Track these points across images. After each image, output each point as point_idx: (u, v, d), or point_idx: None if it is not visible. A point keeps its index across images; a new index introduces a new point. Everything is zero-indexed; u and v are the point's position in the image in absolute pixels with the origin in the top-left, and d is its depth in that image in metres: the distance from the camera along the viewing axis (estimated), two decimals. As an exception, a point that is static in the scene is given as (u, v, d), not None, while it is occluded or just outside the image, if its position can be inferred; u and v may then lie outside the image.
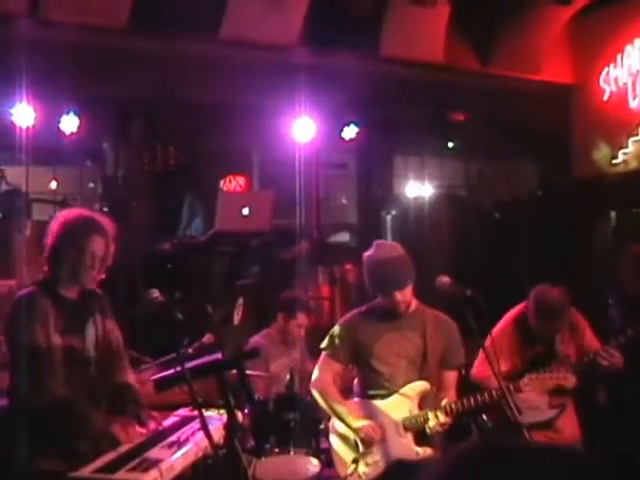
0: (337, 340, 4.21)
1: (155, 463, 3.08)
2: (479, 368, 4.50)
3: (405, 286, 4.03)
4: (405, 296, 4.04)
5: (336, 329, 4.26)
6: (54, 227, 3.54)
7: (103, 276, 3.58)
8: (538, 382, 4.12)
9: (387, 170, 10.13)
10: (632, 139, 9.02)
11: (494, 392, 3.95)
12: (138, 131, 8.55)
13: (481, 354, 4.50)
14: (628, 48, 9.10)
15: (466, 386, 4.37)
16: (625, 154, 9.10)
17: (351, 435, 4.10)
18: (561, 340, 4.64)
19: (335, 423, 4.21)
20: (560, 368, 4.35)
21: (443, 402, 4.00)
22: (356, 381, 4.29)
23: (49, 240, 3.52)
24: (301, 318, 5.54)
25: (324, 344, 4.27)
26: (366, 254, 4.11)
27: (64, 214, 3.62)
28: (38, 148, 7.23)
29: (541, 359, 4.54)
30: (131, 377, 3.82)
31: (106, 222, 3.60)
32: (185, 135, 8.80)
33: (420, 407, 4.05)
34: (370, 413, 4.09)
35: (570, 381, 4.19)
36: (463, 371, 4.58)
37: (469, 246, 9.27)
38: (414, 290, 4.14)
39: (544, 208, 9.48)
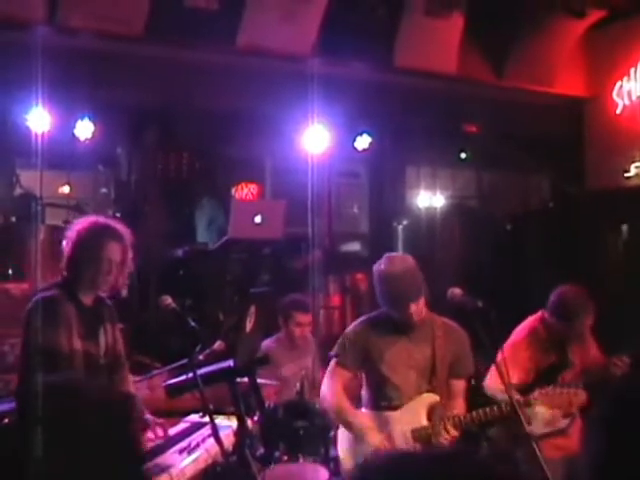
0: (347, 347, 4.18)
1: (166, 468, 3.11)
2: (492, 380, 4.49)
3: (418, 299, 4.00)
4: (418, 308, 4.02)
5: (346, 335, 4.24)
6: (71, 234, 3.59)
7: (127, 282, 3.65)
8: (548, 397, 4.10)
9: (399, 180, 10.14)
10: (645, 153, 9.01)
11: (503, 406, 3.93)
12: (152, 138, 8.60)
13: (494, 366, 4.49)
14: (641, 62, 9.10)
15: (475, 396, 4.36)
16: (638, 167, 9.08)
17: (360, 445, 4.09)
18: (572, 350, 4.63)
19: (344, 432, 4.20)
20: (571, 382, 4.33)
21: (450, 414, 3.99)
22: (364, 390, 4.27)
23: (66, 248, 3.57)
24: (299, 317, 5.55)
25: (334, 351, 4.25)
26: (377, 268, 4.07)
27: (80, 222, 3.68)
28: (52, 153, 7.27)
29: (555, 369, 4.53)
30: (132, 387, 3.88)
31: (122, 228, 3.65)
32: (198, 142, 8.84)
33: (429, 418, 4.04)
34: (379, 424, 4.07)
35: (580, 397, 4.15)
36: (473, 381, 4.58)
37: (480, 257, 9.27)
38: (425, 300, 4.12)
39: (556, 220, 9.47)
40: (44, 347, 3.35)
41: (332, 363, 4.25)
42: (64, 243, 3.63)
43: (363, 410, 4.22)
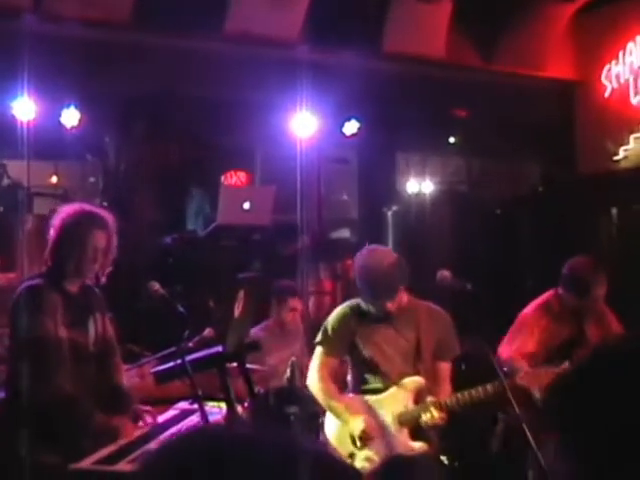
0: (331, 334, 4.19)
1: (155, 455, 3.08)
2: (505, 347, 4.50)
3: (394, 298, 4.00)
4: (395, 303, 4.03)
5: (329, 322, 4.24)
6: (56, 222, 3.56)
7: (110, 269, 3.61)
8: (534, 377, 4.09)
9: (389, 166, 10.13)
10: (634, 136, 9.02)
11: (489, 387, 3.93)
12: (140, 126, 8.55)
13: (508, 336, 4.50)
14: (630, 45, 9.10)
15: (463, 380, 4.36)
16: (626, 151, 9.10)
17: (347, 430, 4.09)
18: (589, 326, 4.61)
19: (331, 418, 4.20)
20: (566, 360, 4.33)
21: (430, 398, 3.98)
22: (349, 376, 4.27)
23: (51, 235, 3.54)
24: (292, 302, 5.56)
25: (318, 338, 4.25)
26: (357, 260, 4.08)
27: (65, 209, 3.63)
28: (39, 142, 7.23)
29: (570, 344, 4.51)
30: (124, 375, 3.85)
31: (107, 216, 3.62)
32: (186, 130, 8.80)
33: (416, 402, 4.04)
34: (365, 408, 4.07)
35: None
36: (464, 366, 4.58)
37: (470, 242, 9.27)
38: (408, 289, 4.12)
39: (546, 204, 9.47)
40: (31, 337, 3.33)
41: (317, 350, 4.26)
42: (49, 230, 3.59)
43: (350, 395, 4.22)
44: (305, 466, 0.89)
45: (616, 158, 9.16)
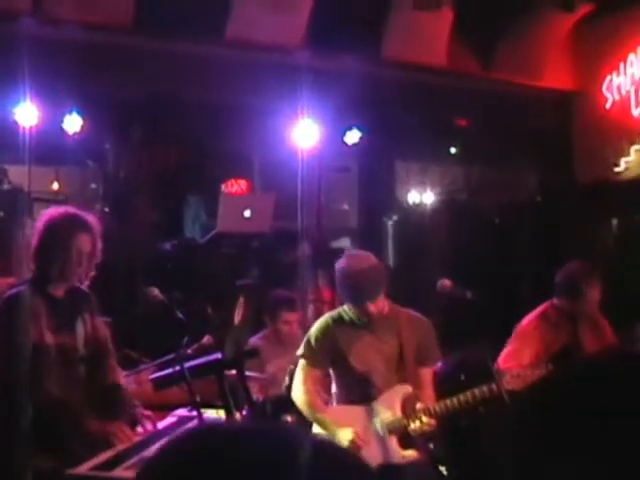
0: (314, 346, 4.17)
1: (153, 462, 3.07)
2: (504, 359, 4.51)
3: (376, 299, 4.00)
4: (377, 306, 4.02)
5: (312, 334, 4.22)
6: (39, 226, 3.54)
7: (93, 273, 3.58)
8: (520, 379, 4.08)
9: (389, 175, 10.12)
10: (634, 147, 9.02)
11: (477, 392, 3.93)
12: (140, 132, 8.55)
13: (507, 348, 4.51)
14: (631, 56, 9.11)
15: (460, 389, 4.35)
16: (627, 162, 9.10)
17: (336, 441, 4.06)
18: (584, 332, 4.64)
19: (318, 429, 4.17)
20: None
21: (418, 405, 3.97)
22: (334, 387, 4.24)
23: (35, 239, 3.52)
24: (286, 316, 5.51)
25: (300, 351, 4.23)
26: (338, 265, 4.09)
27: (49, 213, 3.60)
28: (41, 148, 7.22)
29: (566, 351, 4.53)
30: (120, 376, 3.82)
31: (91, 219, 3.60)
32: (187, 136, 8.80)
33: (403, 410, 4.03)
34: (352, 418, 4.05)
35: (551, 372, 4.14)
36: (463, 377, 4.57)
37: (470, 251, 9.26)
38: (388, 295, 4.12)
39: (544, 214, 9.47)
40: (15, 343, 3.30)
41: (300, 363, 4.24)
42: (33, 234, 3.56)
43: (335, 406, 4.20)
44: (307, 457, 0.89)
45: (617, 170, 9.16)
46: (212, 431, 0.97)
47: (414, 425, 3.92)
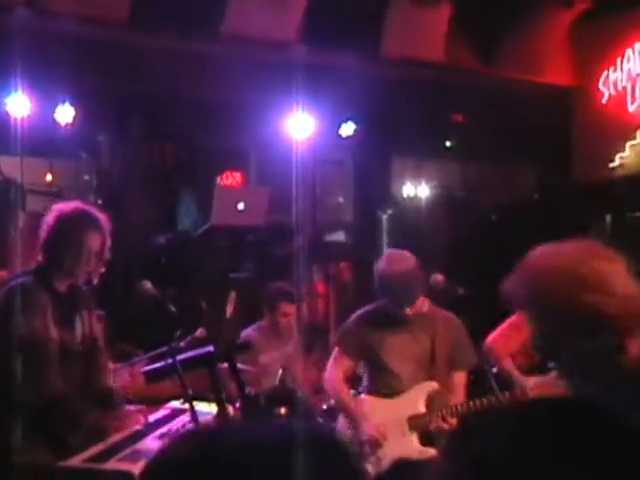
0: (348, 337, 4.27)
1: (145, 454, 3.07)
2: (494, 337, 4.50)
3: (415, 301, 4.07)
4: (416, 307, 4.08)
5: (347, 326, 4.32)
6: (50, 220, 3.52)
7: (103, 270, 3.58)
8: (545, 388, 4.09)
9: (384, 169, 10.11)
10: (629, 143, 9.03)
11: (501, 396, 3.95)
12: (135, 126, 8.52)
13: (502, 328, 4.49)
14: (628, 52, 9.12)
15: (475, 387, 4.37)
16: (622, 158, 9.10)
17: (359, 432, 4.09)
18: None
19: (344, 419, 4.22)
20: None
21: (442, 403, 4.00)
22: (365, 377, 4.34)
23: (44, 233, 3.51)
24: (285, 307, 5.51)
25: (336, 339, 4.37)
26: (378, 266, 4.13)
27: (60, 207, 3.59)
28: (33, 139, 7.18)
29: None
30: (111, 376, 3.82)
31: (102, 217, 3.59)
32: (182, 130, 8.77)
33: (427, 407, 4.05)
34: (378, 411, 4.12)
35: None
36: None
37: (465, 247, 9.26)
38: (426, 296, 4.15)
39: (541, 211, 9.47)
40: (21, 336, 3.30)
41: (335, 351, 4.33)
42: (43, 227, 3.56)
43: (363, 396, 4.26)
44: (306, 446, 0.89)
45: (612, 165, 9.16)
46: (216, 432, 0.97)
47: (436, 423, 3.93)
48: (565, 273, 1.90)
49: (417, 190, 10.31)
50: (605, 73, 9.35)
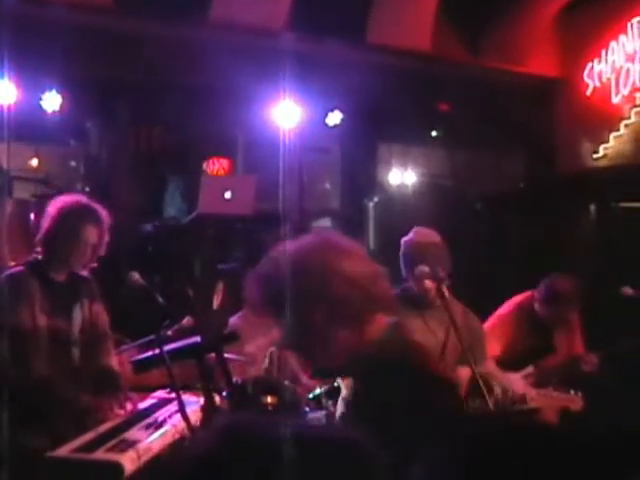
0: None
1: (132, 444, 3.11)
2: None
3: (436, 276, 3.88)
4: (434, 286, 3.89)
5: None
6: (51, 211, 3.62)
7: (95, 264, 3.67)
8: (546, 400, 4.13)
9: (371, 157, 10.14)
10: (613, 134, 9.09)
11: (496, 398, 3.95)
12: (123, 112, 8.50)
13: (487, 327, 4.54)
14: (613, 44, 9.15)
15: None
16: (606, 149, 9.17)
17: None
18: (558, 336, 4.71)
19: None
20: (552, 368, 4.41)
21: None
22: None
23: (45, 224, 3.59)
24: None
25: None
26: (404, 239, 4.07)
27: (62, 199, 3.69)
28: (20, 125, 7.15)
29: (536, 351, 4.59)
30: (114, 360, 3.90)
31: (102, 211, 3.68)
32: (170, 117, 8.76)
33: None
34: None
35: (577, 404, 4.21)
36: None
37: (451, 236, 9.29)
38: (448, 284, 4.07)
39: (527, 200, 9.54)
40: (7, 323, 3.36)
41: None
42: (44, 217, 3.63)
43: None
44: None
45: (596, 156, 9.23)
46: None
47: None
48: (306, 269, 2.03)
49: (404, 178, 10.35)
50: (590, 65, 9.39)
